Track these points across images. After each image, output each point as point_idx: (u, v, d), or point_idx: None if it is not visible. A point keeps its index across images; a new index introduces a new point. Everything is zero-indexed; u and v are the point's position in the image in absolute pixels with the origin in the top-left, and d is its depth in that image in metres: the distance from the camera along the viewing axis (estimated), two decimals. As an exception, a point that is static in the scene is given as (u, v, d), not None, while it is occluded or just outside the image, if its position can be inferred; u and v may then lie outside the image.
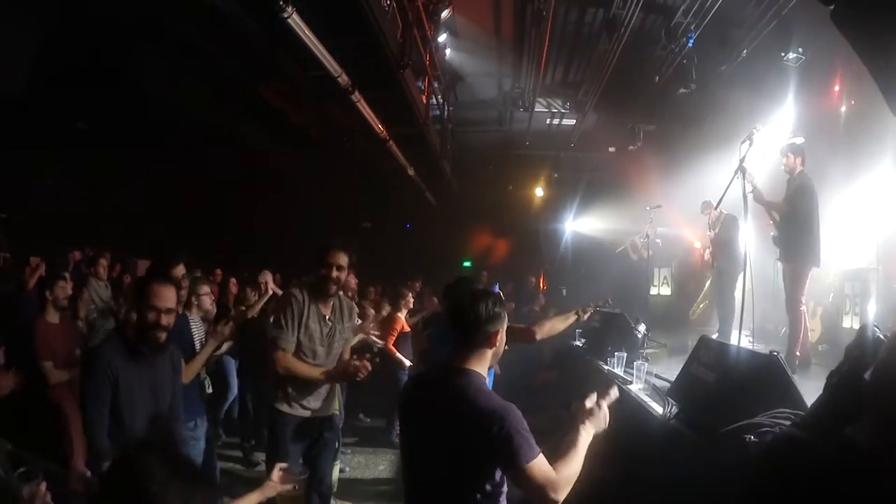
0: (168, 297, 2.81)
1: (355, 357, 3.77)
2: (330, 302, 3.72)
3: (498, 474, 2.06)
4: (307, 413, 3.66)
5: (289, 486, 2.47)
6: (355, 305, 3.96)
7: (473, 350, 2.18)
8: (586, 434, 2.20)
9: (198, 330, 4.34)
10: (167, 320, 2.80)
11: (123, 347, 2.79)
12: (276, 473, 2.44)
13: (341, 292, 3.88)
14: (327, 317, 3.69)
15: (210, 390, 5.46)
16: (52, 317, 4.67)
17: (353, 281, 8.00)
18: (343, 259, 3.63)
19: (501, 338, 2.22)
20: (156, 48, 7.34)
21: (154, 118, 8.70)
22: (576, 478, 2.09)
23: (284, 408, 3.62)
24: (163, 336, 2.81)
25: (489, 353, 2.20)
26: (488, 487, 2.06)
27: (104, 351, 2.77)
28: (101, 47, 6.73)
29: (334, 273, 3.60)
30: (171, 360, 3.01)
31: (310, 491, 3.76)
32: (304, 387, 3.63)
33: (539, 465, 1.98)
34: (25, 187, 9.27)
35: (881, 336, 1.76)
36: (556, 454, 2.08)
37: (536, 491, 2.00)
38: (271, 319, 3.83)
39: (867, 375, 1.53)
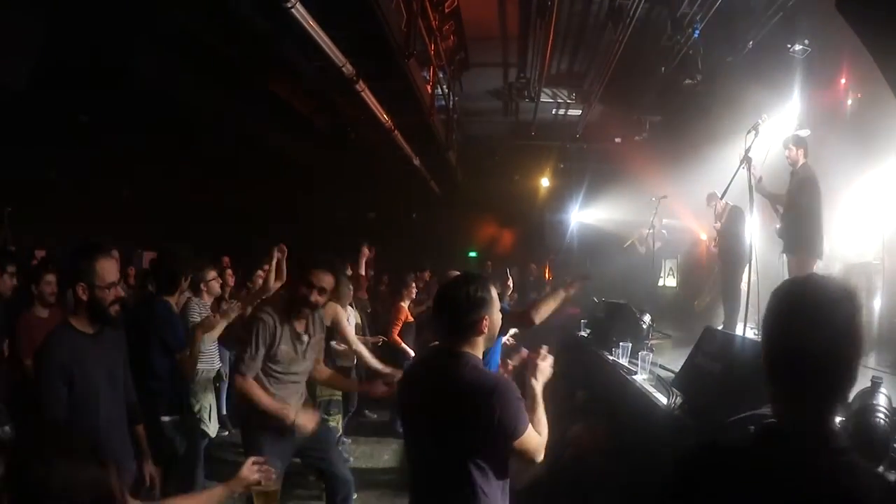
0: (114, 269, 2.75)
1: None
2: (304, 318, 3.47)
3: (497, 451, 2.10)
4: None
5: (258, 479, 2.26)
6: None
7: (462, 337, 2.18)
8: (539, 388, 2.34)
9: (206, 313, 4.46)
10: (117, 292, 2.73)
11: (74, 338, 2.67)
12: (246, 468, 2.26)
13: None
14: (302, 333, 3.45)
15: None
16: (40, 311, 4.57)
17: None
18: (328, 281, 3.34)
19: (492, 322, 2.20)
20: (157, 40, 7.32)
21: (156, 109, 8.68)
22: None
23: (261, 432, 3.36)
24: (118, 308, 2.73)
25: (479, 339, 2.20)
26: (488, 465, 2.09)
27: (56, 352, 2.61)
28: (103, 41, 6.72)
29: (314, 297, 3.32)
30: (116, 340, 2.92)
31: (335, 497, 3.63)
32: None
33: (529, 435, 2.09)
34: (30, 181, 9.29)
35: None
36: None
37: (527, 457, 2.13)
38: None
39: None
